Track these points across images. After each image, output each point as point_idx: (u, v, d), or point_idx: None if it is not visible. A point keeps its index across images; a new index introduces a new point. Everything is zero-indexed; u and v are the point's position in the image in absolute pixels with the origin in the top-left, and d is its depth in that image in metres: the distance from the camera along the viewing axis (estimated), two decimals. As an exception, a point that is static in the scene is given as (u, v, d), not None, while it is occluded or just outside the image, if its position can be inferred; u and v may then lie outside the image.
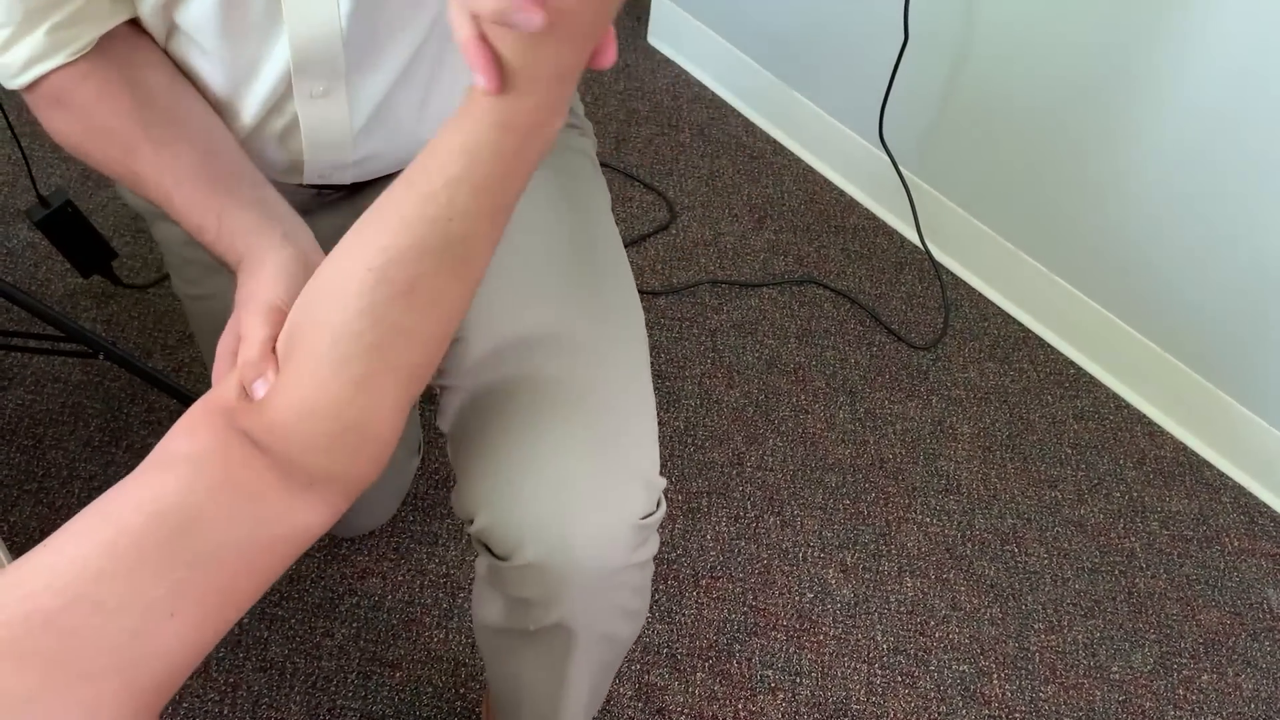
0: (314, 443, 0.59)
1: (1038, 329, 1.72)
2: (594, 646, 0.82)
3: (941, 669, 1.31)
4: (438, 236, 0.57)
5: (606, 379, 0.77)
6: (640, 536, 0.74)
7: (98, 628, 0.49)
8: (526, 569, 0.72)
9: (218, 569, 0.55)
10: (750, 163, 1.93)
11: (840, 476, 1.50)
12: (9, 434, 1.40)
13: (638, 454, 0.75)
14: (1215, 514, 1.51)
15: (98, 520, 0.53)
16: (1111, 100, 1.45)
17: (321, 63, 0.75)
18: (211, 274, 0.94)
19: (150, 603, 0.51)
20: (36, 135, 1.79)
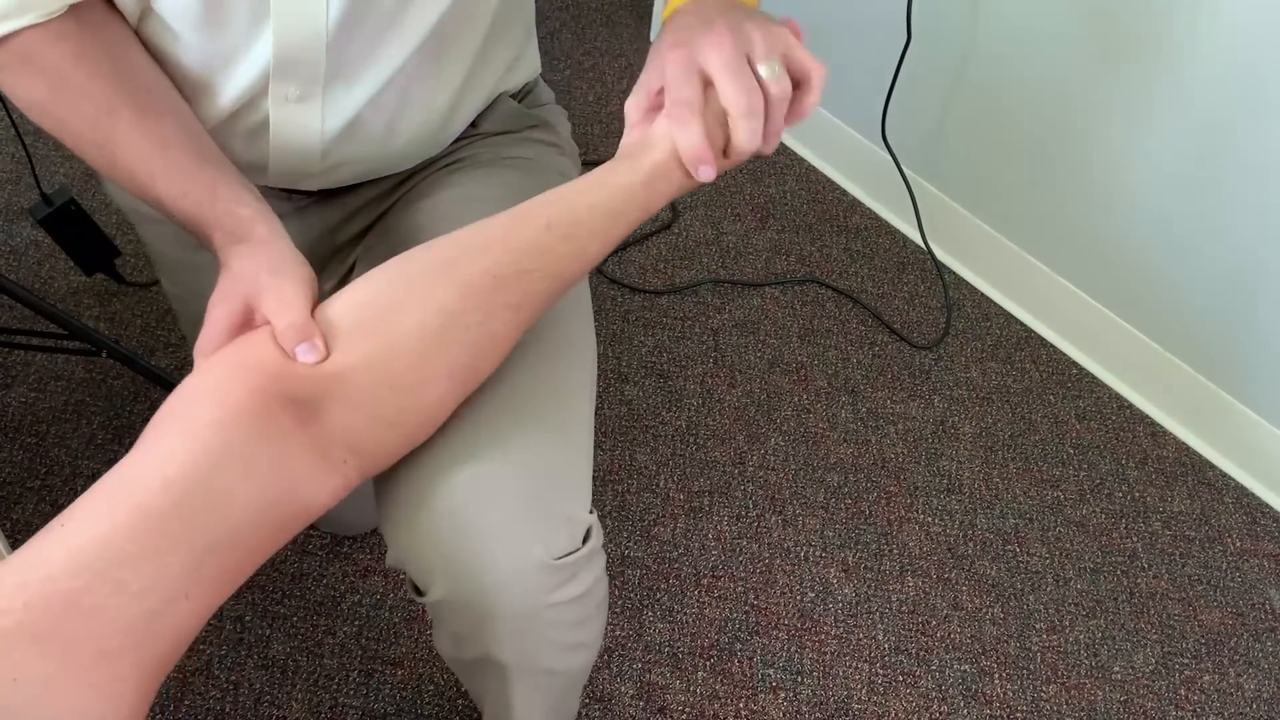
0: (377, 414, 0.60)
1: (1040, 329, 1.72)
2: (535, 679, 0.79)
3: (943, 668, 1.31)
4: (557, 271, 0.65)
5: (539, 406, 0.73)
6: (560, 576, 0.70)
7: (119, 609, 0.50)
8: (443, 604, 0.70)
9: (234, 549, 0.55)
10: (752, 162, 1.93)
11: (842, 476, 1.50)
12: (12, 431, 1.41)
13: (558, 487, 0.71)
14: (1217, 514, 1.51)
15: (120, 496, 0.53)
16: (1115, 99, 1.45)
17: (302, 66, 0.74)
18: (200, 275, 0.93)
19: (171, 587, 0.52)
20: (39, 134, 1.79)
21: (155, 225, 0.92)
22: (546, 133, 0.96)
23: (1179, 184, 1.43)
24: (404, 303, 0.62)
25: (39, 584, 0.49)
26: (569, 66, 2.10)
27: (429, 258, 0.64)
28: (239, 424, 0.56)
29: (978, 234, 1.74)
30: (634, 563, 1.36)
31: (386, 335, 0.61)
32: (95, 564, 0.50)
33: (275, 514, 0.57)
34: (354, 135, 0.81)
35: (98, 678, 0.49)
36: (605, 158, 1.90)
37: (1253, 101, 1.30)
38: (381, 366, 0.61)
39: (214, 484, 0.54)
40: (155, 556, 0.51)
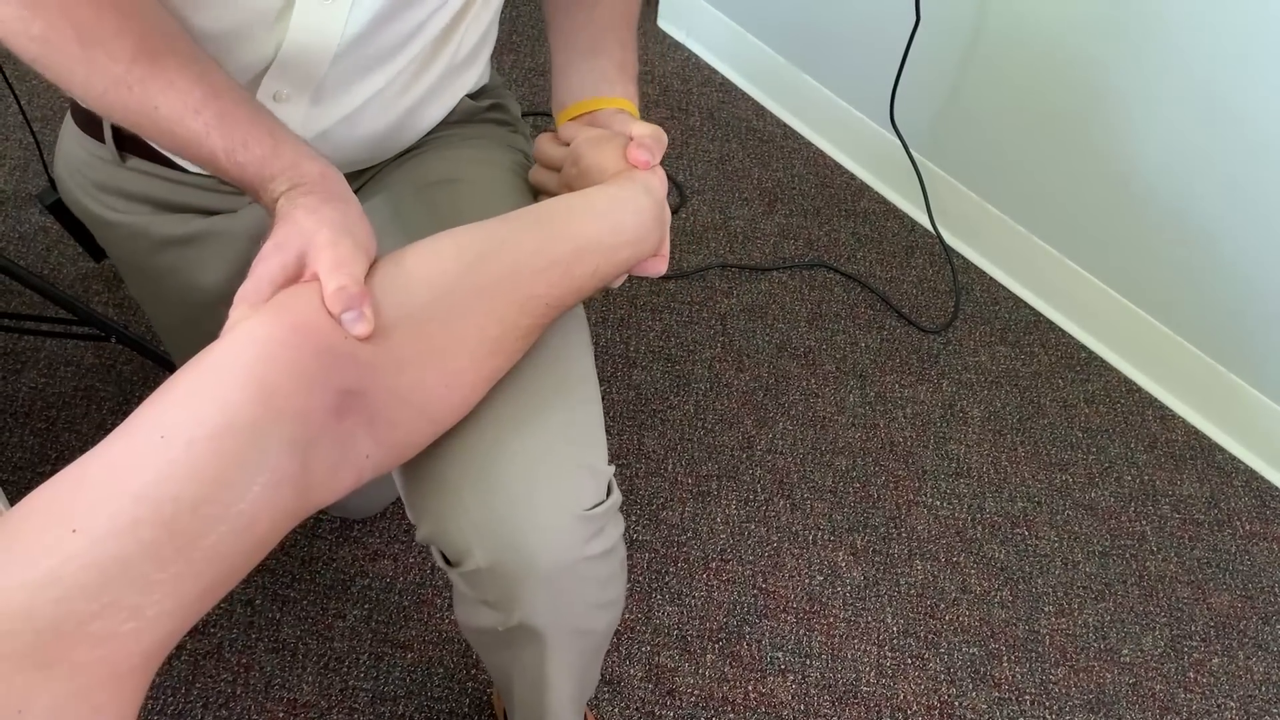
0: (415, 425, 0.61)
1: (1049, 313, 1.71)
2: (568, 641, 0.80)
3: (951, 651, 1.31)
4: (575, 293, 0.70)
5: (548, 371, 0.74)
6: (592, 527, 0.72)
7: (133, 635, 0.48)
8: (478, 573, 0.71)
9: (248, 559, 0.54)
10: (760, 146, 1.93)
11: (850, 460, 1.50)
12: (23, 416, 1.41)
13: (580, 443, 0.73)
14: (1227, 498, 1.51)
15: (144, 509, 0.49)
16: (1124, 82, 1.44)
17: (301, 72, 0.74)
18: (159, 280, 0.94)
19: (185, 607, 0.50)
20: (47, 120, 1.80)
21: (108, 229, 0.92)
22: (500, 112, 0.98)
23: (1188, 168, 1.42)
24: (471, 306, 0.64)
25: (50, 606, 0.45)
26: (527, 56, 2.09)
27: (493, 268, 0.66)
28: (276, 427, 0.53)
29: (986, 218, 1.73)
30: (643, 546, 1.37)
31: (447, 335, 0.62)
32: (112, 587, 0.47)
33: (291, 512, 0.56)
34: (326, 139, 0.82)
35: (104, 700, 0.47)
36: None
37: (1262, 83, 1.29)
38: (435, 365, 0.61)
39: (248, 508, 0.52)
40: (173, 582, 0.49)
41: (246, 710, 1.19)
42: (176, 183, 0.87)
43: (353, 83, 0.79)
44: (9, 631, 0.45)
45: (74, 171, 0.92)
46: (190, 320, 0.96)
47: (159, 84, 0.62)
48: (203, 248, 0.89)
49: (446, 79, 0.87)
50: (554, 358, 0.75)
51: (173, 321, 1.00)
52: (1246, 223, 1.40)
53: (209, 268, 0.90)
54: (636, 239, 0.72)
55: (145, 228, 0.89)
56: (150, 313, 1.03)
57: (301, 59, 0.73)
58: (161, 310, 1.00)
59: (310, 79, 0.76)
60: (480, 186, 0.87)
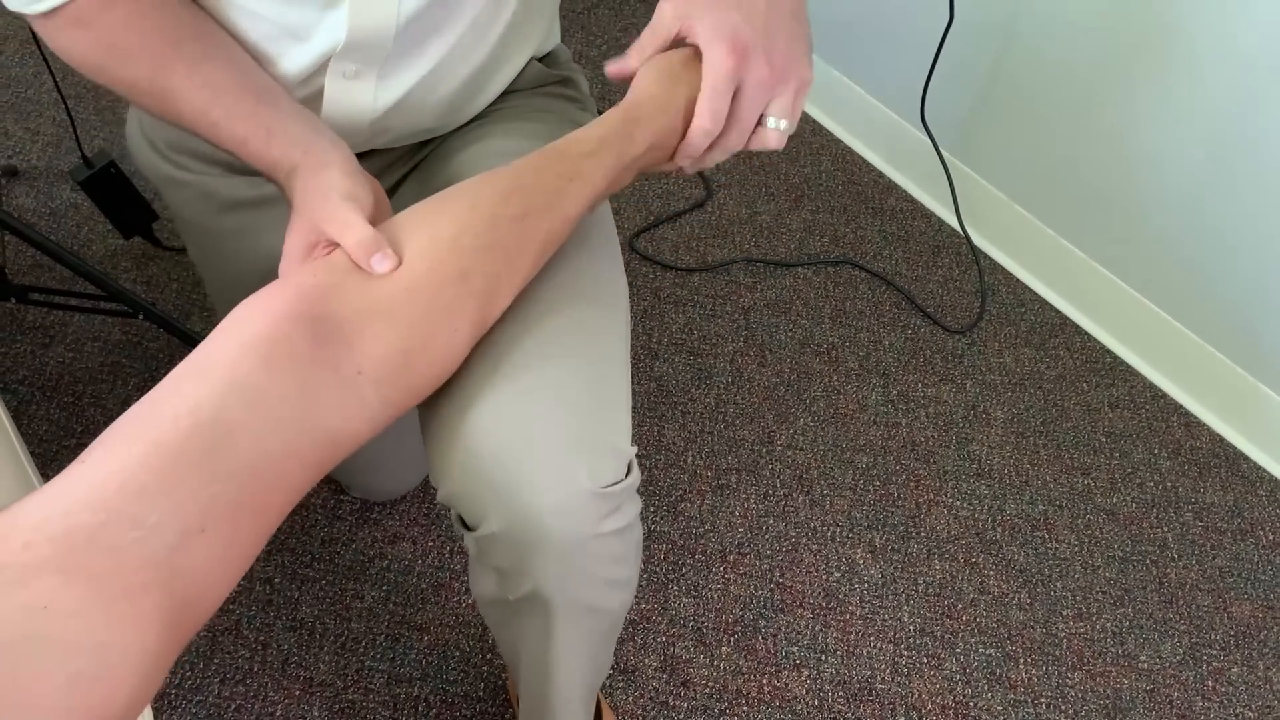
0: (388, 341, 0.60)
1: (1075, 316, 1.70)
2: (578, 617, 0.81)
3: (968, 652, 1.31)
4: (556, 192, 0.69)
5: (576, 345, 0.75)
6: (608, 504, 0.72)
7: (137, 543, 0.50)
8: (494, 538, 0.72)
9: (251, 482, 0.55)
10: (789, 142, 1.92)
11: (871, 458, 1.49)
12: (50, 390, 1.42)
13: (604, 420, 0.73)
14: (1251, 507, 1.49)
15: (136, 432, 0.53)
16: (1156, 87, 1.43)
17: (367, 49, 0.76)
18: (223, 240, 0.96)
19: (185, 521, 0.52)
20: (81, 98, 1.81)
21: (177, 188, 0.93)
22: (568, 87, 1.00)
23: (1219, 174, 1.41)
24: (427, 235, 0.65)
25: (61, 518, 0.49)
26: (606, 42, 2.09)
27: (450, 200, 0.68)
28: (249, 354, 0.56)
29: (1015, 219, 1.72)
30: (661, 538, 1.37)
31: (410, 263, 0.64)
32: (112, 499, 0.50)
33: (293, 444, 0.57)
34: (400, 109, 0.84)
35: (122, 611, 0.49)
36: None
37: (1302, 88, 1.28)
38: (403, 290, 0.62)
39: (223, 416, 0.54)
40: (168, 490, 0.51)
41: (263, 687, 1.20)
42: None
43: (418, 52, 0.80)
44: (28, 542, 0.48)
45: (149, 131, 0.94)
46: (248, 284, 0.96)
47: (173, 93, 0.71)
48: (271, 211, 0.90)
49: (511, 37, 0.88)
50: (587, 335, 0.76)
51: (230, 284, 1.00)
52: (1276, 229, 1.38)
53: (275, 231, 0.91)
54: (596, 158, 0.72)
55: (216, 189, 0.92)
56: (206, 275, 1.04)
57: (366, 39, 0.75)
58: (220, 273, 1.01)
59: (376, 56, 0.78)
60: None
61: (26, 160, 1.71)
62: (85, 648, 0.47)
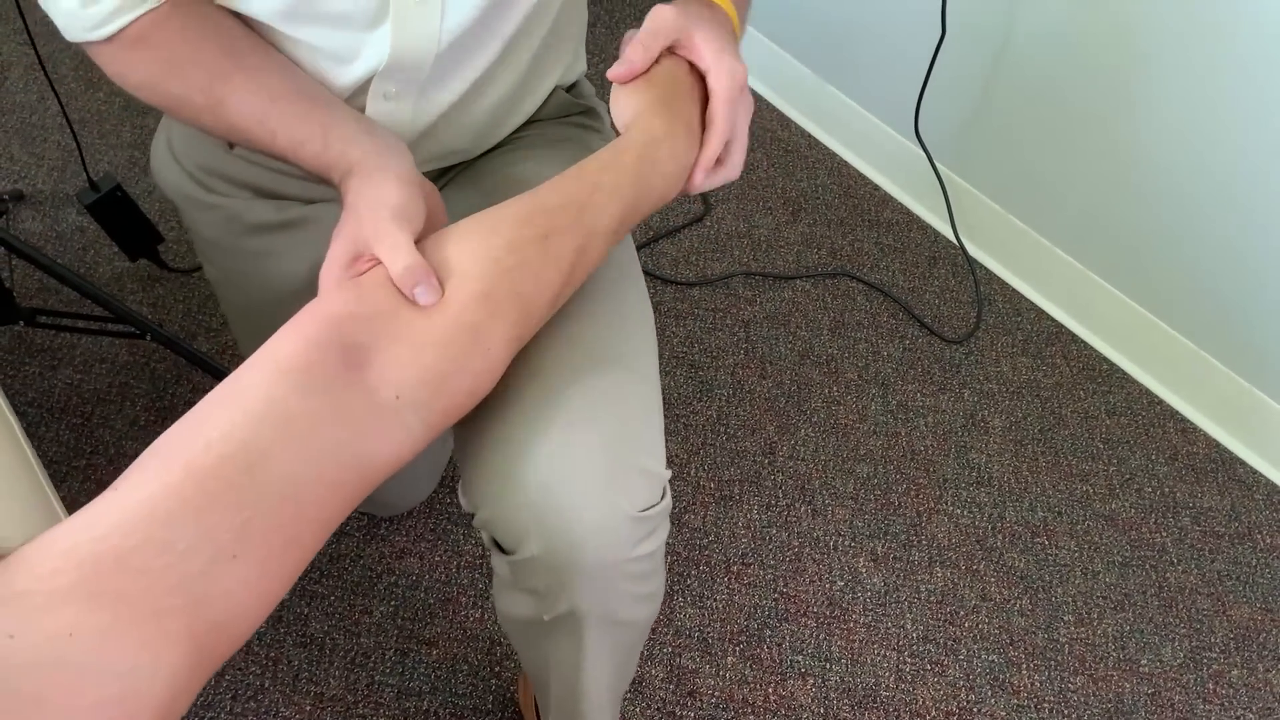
0: (422, 365, 0.61)
1: (1071, 324, 1.72)
2: (609, 631, 0.82)
3: (971, 658, 1.32)
4: (577, 207, 0.69)
5: (611, 371, 0.77)
6: (644, 529, 0.74)
7: (166, 568, 0.50)
8: (532, 562, 0.73)
9: (283, 509, 0.55)
10: (785, 156, 1.94)
11: (872, 467, 1.51)
12: (59, 412, 1.44)
13: (641, 446, 0.75)
14: (1248, 511, 1.51)
15: (167, 459, 0.54)
16: (1149, 97, 1.45)
17: (408, 70, 0.78)
18: (243, 260, 0.97)
19: (216, 546, 0.52)
20: (85, 122, 1.83)
21: (203, 211, 0.95)
22: (590, 118, 1.02)
23: (1212, 181, 1.43)
24: (457, 256, 0.66)
25: (90, 544, 0.50)
26: (603, 60, 2.12)
27: (471, 226, 0.69)
28: (282, 380, 0.57)
29: (1010, 229, 1.74)
30: (665, 549, 1.38)
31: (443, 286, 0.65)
32: (142, 524, 0.51)
33: (327, 470, 0.57)
34: (436, 130, 0.86)
35: (149, 635, 0.49)
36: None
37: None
38: (436, 312, 0.63)
39: (255, 442, 0.55)
40: (198, 516, 0.52)
41: (274, 703, 1.21)
42: (279, 172, 0.90)
43: (456, 73, 0.82)
44: (57, 569, 0.49)
45: (180, 153, 0.95)
46: (267, 306, 0.98)
47: (229, 103, 0.73)
48: (295, 234, 0.92)
49: (541, 61, 0.90)
50: (621, 359, 0.78)
51: (249, 306, 1.02)
52: (1271, 238, 1.41)
53: (298, 254, 0.93)
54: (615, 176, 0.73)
55: (243, 212, 0.93)
56: (225, 296, 1.05)
57: (407, 60, 0.77)
58: (239, 294, 1.02)
59: (416, 77, 0.79)
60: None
61: (32, 185, 1.72)
62: (111, 672, 0.48)
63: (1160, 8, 1.38)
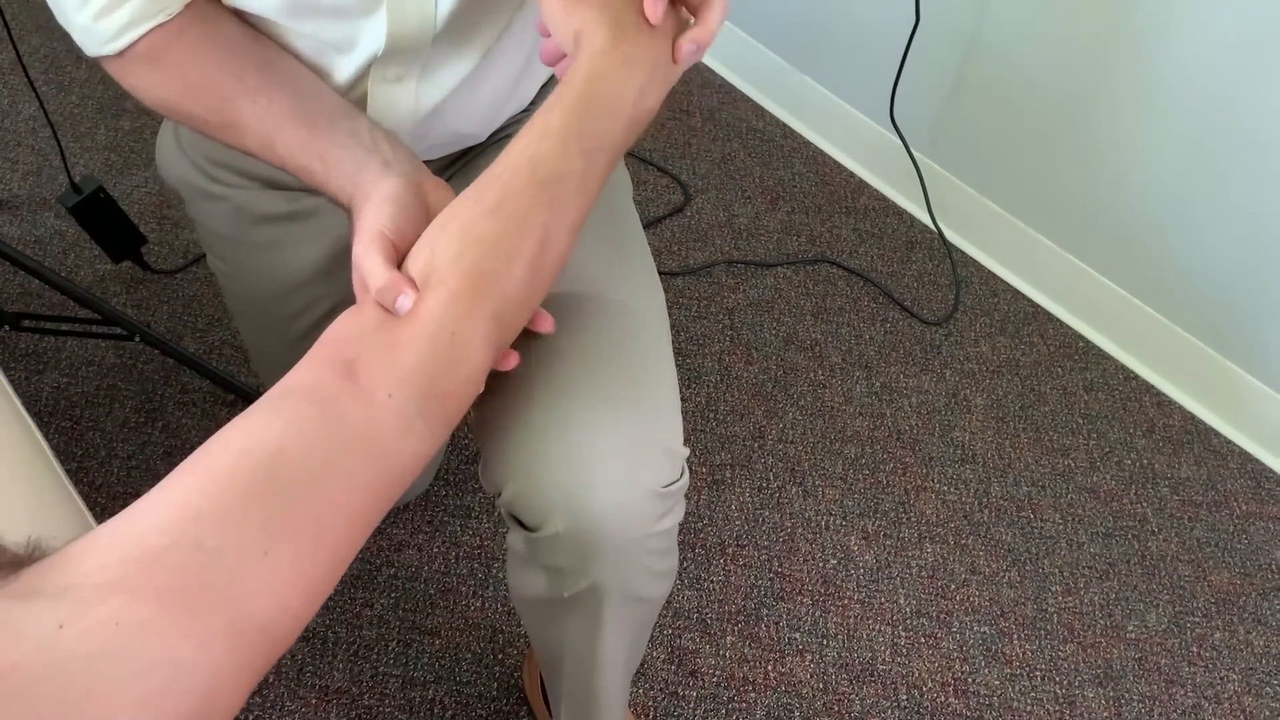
0: (402, 362, 0.61)
1: (1047, 304, 1.76)
2: (626, 607, 0.84)
3: (963, 630, 1.35)
4: (527, 163, 0.65)
5: (629, 351, 0.78)
6: (665, 504, 0.76)
7: (199, 565, 0.52)
8: (556, 538, 0.74)
9: (304, 505, 0.56)
10: (762, 146, 1.97)
11: (859, 448, 1.53)
12: (47, 416, 1.43)
13: (661, 424, 0.77)
14: (1223, 479, 1.55)
15: (193, 463, 0.56)
16: (1120, 78, 1.49)
17: (407, 53, 0.78)
18: (249, 252, 0.97)
19: (245, 541, 0.53)
20: (59, 125, 1.82)
21: (211, 202, 0.95)
22: None
23: (1183, 159, 1.47)
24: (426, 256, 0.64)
25: (130, 542, 0.51)
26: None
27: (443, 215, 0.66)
28: (291, 395, 0.59)
29: (985, 213, 1.78)
30: (660, 533, 1.40)
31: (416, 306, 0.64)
32: (177, 523, 0.52)
33: (341, 465, 0.58)
34: (442, 113, 0.86)
35: (190, 628, 0.50)
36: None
37: (1258, 82, 1.34)
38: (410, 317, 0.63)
39: (271, 444, 0.56)
40: (221, 513, 0.53)
41: (280, 697, 1.21)
42: None
43: (457, 54, 0.82)
44: (102, 565, 0.50)
45: (187, 145, 0.94)
46: (275, 298, 0.98)
47: (240, 127, 0.74)
48: (304, 225, 0.92)
49: (538, 46, 0.89)
50: (637, 338, 0.79)
51: (255, 299, 1.02)
52: (1240, 213, 1.45)
53: (306, 245, 0.93)
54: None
55: (252, 203, 0.93)
56: (230, 290, 1.05)
57: (405, 43, 0.77)
58: (246, 287, 1.01)
59: (417, 58, 0.79)
60: None
61: (8, 190, 1.71)
62: (156, 663, 0.49)
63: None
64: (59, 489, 0.86)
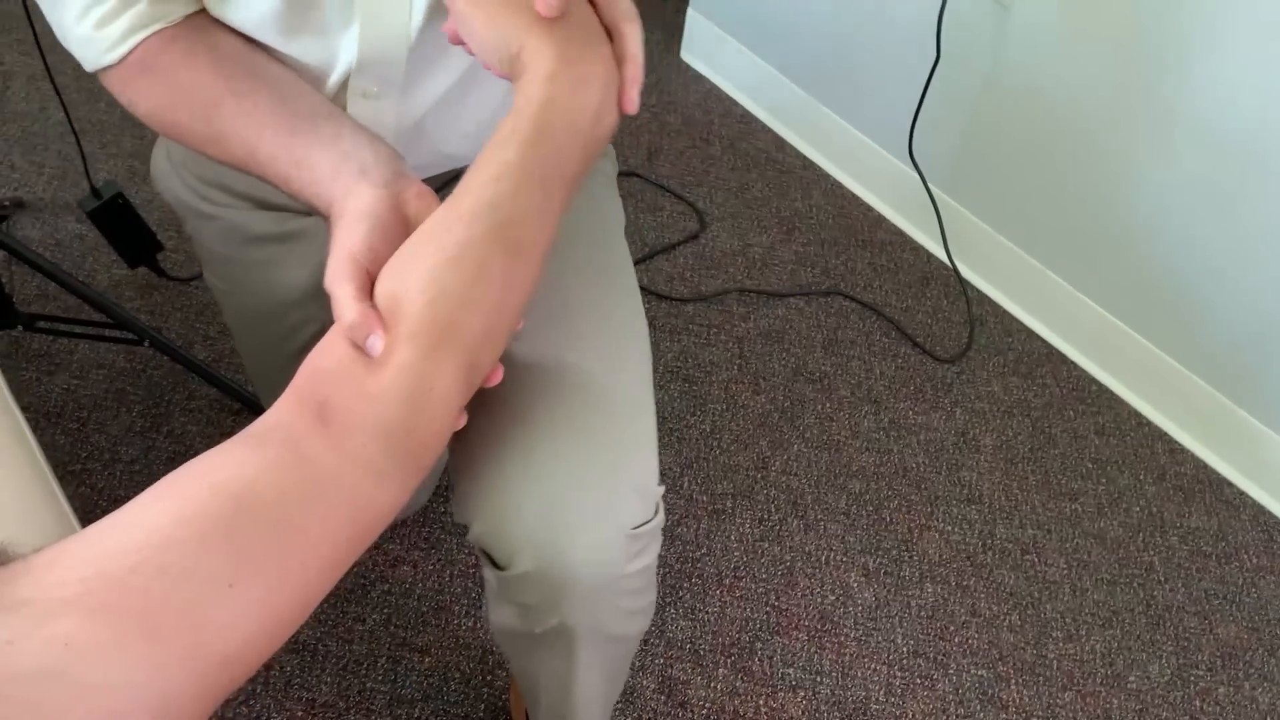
0: (375, 414, 0.60)
1: (1061, 345, 1.74)
2: (600, 645, 0.83)
3: (960, 673, 1.33)
4: (486, 205, 0.62)
5: (606, 389, 0.77)
6: (638, 545, 0.75)
7: (163, 591, 0.51)
8: (525, 577, 0.74)
9: (274, 539, 0.56)
10: (780, 177, 1.97)
11: (864, 483, 1.52)
12: (55, 416, 1.44)
13: (634, 463, 0.76)
14: (1234, 531, 1.52)
15: (168, 490, 0.56)
16: (1140, 120, 1.48)
17: (383, 66, 0.77)
18: (246, 270, 0.97)
19: (211, 571, 0.53)
20: (86, 132, 1.84)
21: (203, 221, 0.95)
22: None
23: (1202, 204, 1.46)
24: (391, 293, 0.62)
25: (94, 560, 0.51)
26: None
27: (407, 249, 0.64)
28: (268, 432, 0.59)
29: (1002, 250, 1.77)
30: (658, 561, 1.39)
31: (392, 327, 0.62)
32: (144, 547, 0.52)
33: (314, 509, 0.58)
34: (424, 130, 0.85)
35: (142, 654, 0.50)
36: (635, 168, 1.93)
37: (1274, 121, 1.33)
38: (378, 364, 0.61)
39: (244, 476, 0.56)
40: (191, 541, 0.53)
41: (266, 708, 1.21)
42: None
43: (434, 69, 0.80)
44: (61, 580, 0.50)
45: (178, 164, 0.94)
46: (268, 316, 0.98)
47: (225, 135, 0.72)
48: (295, 245, 0.92)
49: None
50: (616, 375, 0.78)
51: (250, 317, 1.02)
52: (1257, 260, 1.43)
53: (297, 265, 0.92)
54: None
55: (243, 223, 0.92)
56: (226, 306, 1.05)
57: (380, 55, 0.76)
58: (239, 303, 1.02)
59: (393, 73, 0.78)
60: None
61: (32, 193, 1.73)
62: (106, 685, 0.48)
63: (1151, 33, 1.41)
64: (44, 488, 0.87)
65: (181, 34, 0.71)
